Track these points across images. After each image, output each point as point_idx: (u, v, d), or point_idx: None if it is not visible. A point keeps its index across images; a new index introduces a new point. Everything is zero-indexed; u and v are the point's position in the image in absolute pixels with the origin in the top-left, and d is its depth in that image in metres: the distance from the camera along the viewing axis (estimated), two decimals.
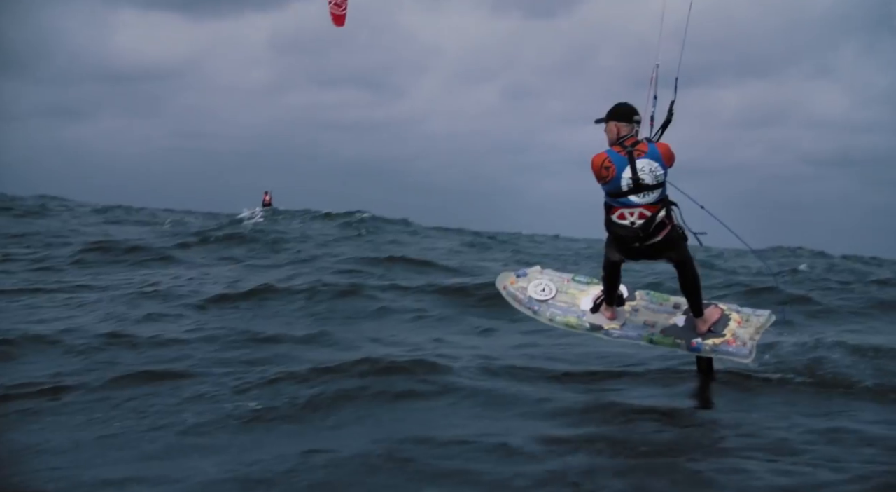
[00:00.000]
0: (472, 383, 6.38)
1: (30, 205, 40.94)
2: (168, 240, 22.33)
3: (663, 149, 6.27)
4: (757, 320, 6.73)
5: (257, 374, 6.47)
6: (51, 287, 11.47)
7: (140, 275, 13.90)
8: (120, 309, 9.70)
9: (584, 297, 7.13)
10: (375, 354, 7.16)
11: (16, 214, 33.21)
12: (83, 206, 46.86)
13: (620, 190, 6.22)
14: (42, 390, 5.94)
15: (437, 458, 4.55)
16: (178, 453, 4.71)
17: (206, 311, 9.98)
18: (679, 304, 6.95)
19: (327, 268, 15.58)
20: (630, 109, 6.39)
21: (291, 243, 24.06)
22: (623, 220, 6.28)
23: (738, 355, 6.46)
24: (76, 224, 31.35)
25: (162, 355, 7.23)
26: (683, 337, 6.62)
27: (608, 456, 4.66)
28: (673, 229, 6.35)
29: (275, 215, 37.39)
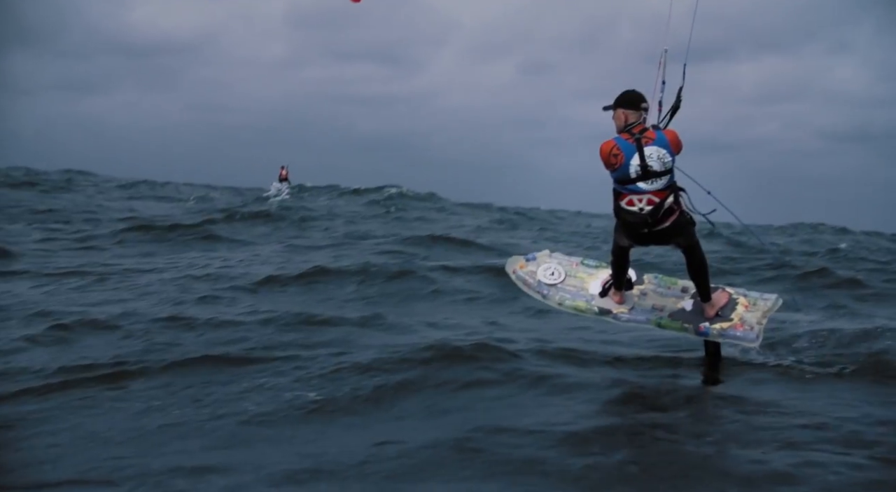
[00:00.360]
0: (535, 368, 6.33)
1: (55, 180, 41.10)
2: (197, 217, 22.25)
3: (671, 136, 6.30)
4: (764, 304, 6.75)
5: (316, 361, 6.42)
6: (99, 270, 11.43)
7: (187, 256, 13.83)
8: (173, 292, 9.70)
9: (593, 281, 7.17)
10: (435, 340, 7.12)
11: (42, 190, 33.56)
12: (108, 181, 47.02)
13: (629, 177, 6.27)
14: (102, 375, 5.94)
15: (507, 447, 4.50)
16: (242, 444, 4.68)
17: (259, 293, 9.95)
18: (687, 287, 7.00)
19: (371, 248, 15.47)
20: (638, 97, 6.41)
21: (322, 221, 23.91)
22: (632, 206, 6.33)
23: (746, 340, 6.52)
24: (102, 199, 31.77)
25: (219, 339, 7.23)
26: (691, 321, 6.68)
27: (678, 444, 4.57)
28: (681, 215, 6.41)
29: (301, 192, 37.41)
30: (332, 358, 6.50)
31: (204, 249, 15.17)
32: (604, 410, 5.39)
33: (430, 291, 10.45)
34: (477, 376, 6.00)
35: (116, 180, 48.64)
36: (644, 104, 6.38)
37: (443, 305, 9.76)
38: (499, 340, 7.39)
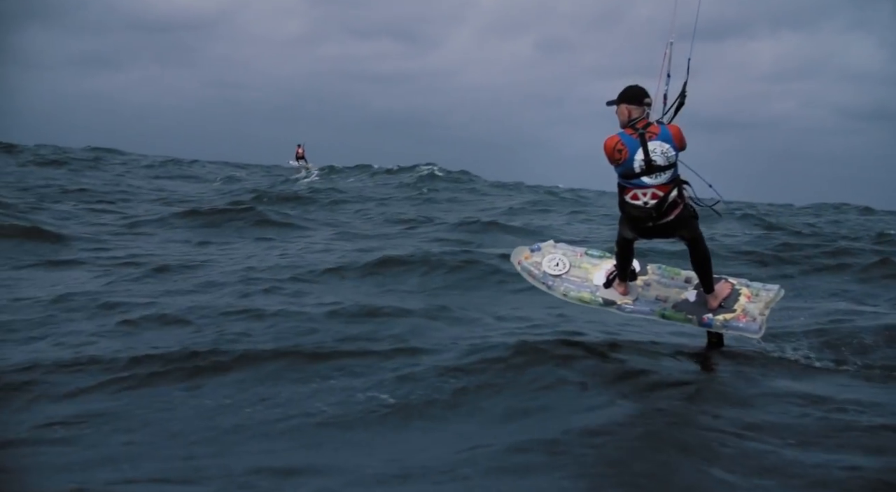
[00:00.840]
0: (613, 365, 6.27)
1: (82, 158, 40.84)
2: (233, 199, 22.13)
3: (674, 130, 6.37)
4: (766, 295, 6.77)
5: (387, 357, 6.31)
6: (156, 259, 11.21)
7: (241, 244, 13.65)
8: (237, 283, 9.53)
9: (597, 271, 7.20)
10: (509, 335, 7.05)
11: (71, 168, 33.48)
12: (135, 159, 46.72)
13: (633, 171, 6.33)
14: (172, 370, 5.89)
15: (597, 448, 4.40)
16: (321, 446, 4.62)
17: (323, 283, 9.84)
18: (690, 278, 7.05)
19: (424, 235, 15.38)
20: (641, 92, 6.47)
21: (356, 204, 23.73)
22: (636, 200, 6.40)
23: (748, 331, 6.57)
24: (131, 178, 31.55)
25: (287, 332, 7.12)
26: (695, 313, 6.75)
27: (768, 445, 4.49)
28: (685, 208, 6.50)
29: (330, 174, 37.00)
30: (404, 354, 6.41)
31: (255, 236, 14.88)
32: (685, 407, 5.23)
33: (494, 281, 10.26)
34: (558, 374, 5.91)
35: (144, 158, 48.37)
36: (647, 99, 6.45)
37: (506, 295, 9.58)
38: (570, 333, 7.37)
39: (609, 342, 7.04)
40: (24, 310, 7.70)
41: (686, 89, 6.62)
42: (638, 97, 6.45)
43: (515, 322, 7.99)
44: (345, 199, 24.85)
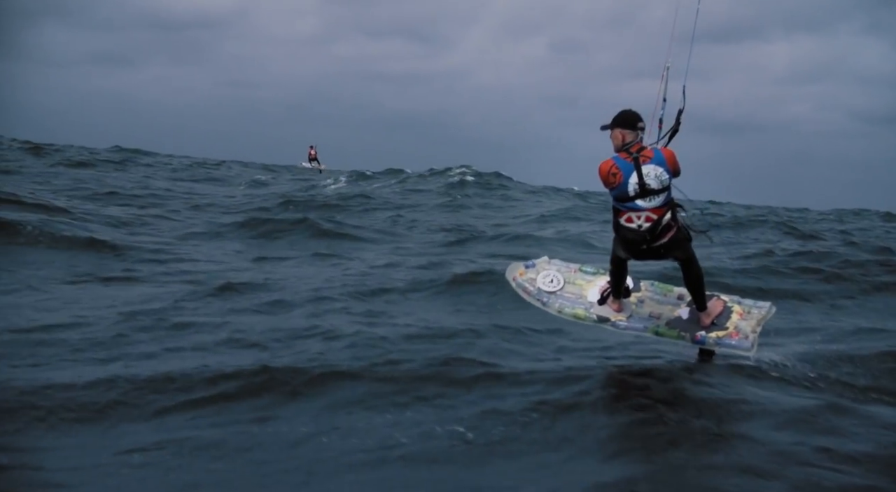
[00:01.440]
0: (703, 391, 6.04)
1: (109, 158, 40.58)
2: (273, 206, 21.78)
3: (668, 154, 6.29)
4: (758, 313, 6.72)
5: (466, 386, 5.97)
6: (220, 277, 10.39)
7: (303, 259, 12.87)
8: (306, 303, 8.97)
9: (591, 288, 7.12)
10: (583, 358, 6.89)
11: (100, 170, 33.22)
12: (162, 160, 46.55)
13: (627, 195, 6.28)
14: (249, 395, 5.63)
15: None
16: (403, 484, 4.40)
17: (396, 303, 9.30)
18: (683, 295, 6.96)
19: (484, 250, 14.75)
20: (634, 116, 6.39)
21: (392, 211, 22.99)
22: (631, 223, 6.37)
23: (741, 348, 6.45)
24: (158, 180, 31.30)
25: (363, 356, 6.63)
26: (688, 330, 6.64)
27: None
28: (678, 231, 6.41)
29: (359, 180, 36.38)
30: (484, 382, 6.06)
31: (310, 249, 14.12)
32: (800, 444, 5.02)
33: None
34: (640, 402, 5.69)
35: (170, 160, 48.29)
36: (640, 124, 6.38)
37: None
38: (651, 356, 7.15)
39: (689, 368, 6.76)
40: (91, 328, 7.23)
41: (681, 117, 6.57)
42: (631, 122, 6.36)
43: (585, 343, 7.64)
44: (378, 206, 24.03)
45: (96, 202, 19.52)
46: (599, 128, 6.57)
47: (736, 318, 6.73)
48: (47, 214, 14.80)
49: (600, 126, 6.55)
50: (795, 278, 12.87)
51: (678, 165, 6.39)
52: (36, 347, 6.55)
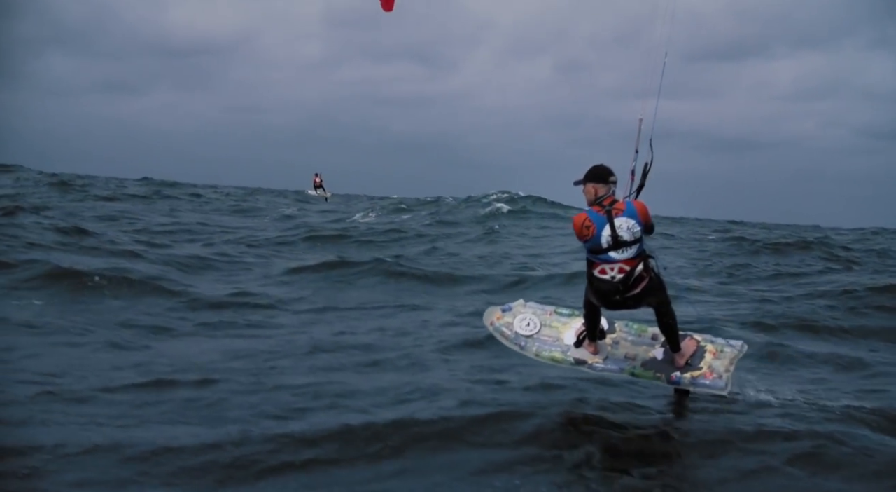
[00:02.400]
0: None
1: (136, 190, 40.11)
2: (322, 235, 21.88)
3: (640, 207, 6.50)
4: (731, 351, 6.87)
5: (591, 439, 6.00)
6: (308, 335, 9.92)
7: (391, 311, 12.06)
8: (403, 357, 8.75)
9: (567, 330, 7.25)
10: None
11: (131, 204, 32.43)
12: (186, 191, 45.96)
13: (601, 247, 6.47)
14: (359, 460, 5.57)
15: None
16: None
17: (500, 355, 8.68)
18: (657, 335, 7.02)
19: (547, 293, 13.82)
20: (606, 171, 6.60)
21: (445, 246, 22.02)
22: (604, 274, 6.52)
23: (715, 388, 6.60)
24: (194, 211, 31.31)
25: (475, 413, 6.59)
26: (663, 371, 6.80)
27: None
28: (651, 280, 6.56)
29: (392, 213, 35.08)
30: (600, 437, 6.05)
31: (390, 296, 13.35)
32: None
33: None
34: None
35: (194, 188, 48.32)
36: (612, 177, 6.54)
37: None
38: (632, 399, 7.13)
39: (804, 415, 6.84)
40: (185, 387, 7.05)
41: (648, 170, 6.78)
42: (603, 176, 6.59)
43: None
44: (419, 241, 23.20)
45: (151, 240, 19.33)
46: (573, 183, 6.74)
47: (709, 357, 6.87)
48: (111, 257, 14.65)
49: (573, 181, 6.72)
50: (878, 315, 12.39)
51: (650, 219, 6.56)
52: (136, 408, 6.45)
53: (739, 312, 11.22)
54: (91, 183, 43.53)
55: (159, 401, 6.59)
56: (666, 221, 38.27)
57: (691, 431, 6.38)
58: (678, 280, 14.04)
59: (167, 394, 6.80)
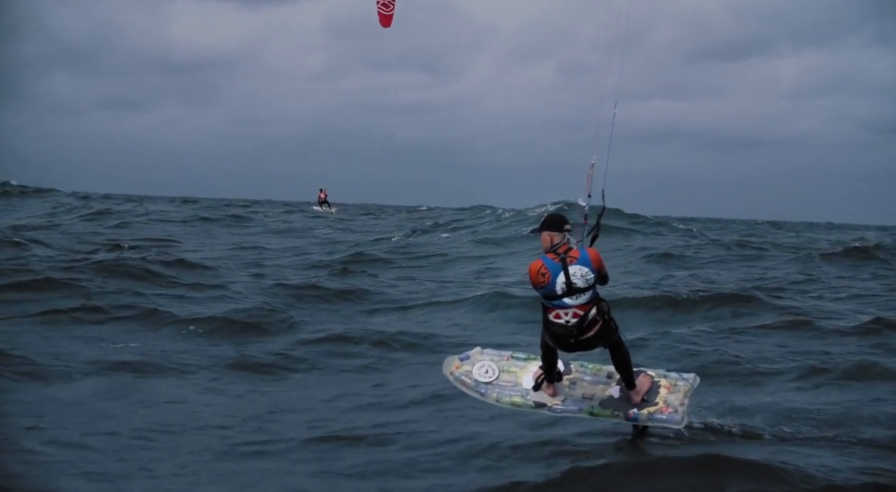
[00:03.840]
0: None
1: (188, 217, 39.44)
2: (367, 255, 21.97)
3: (593, 255, 6.82)
4: (684, 385, 7.21)
5: None
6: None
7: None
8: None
9: (525, 374, 7.50)
10: None
11: (175, 226, 33.14)
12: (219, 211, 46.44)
13: (556, 293, 6.76)
14: None
15: None
16: None
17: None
18: (612, 373, 7.29)
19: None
20: (561, 220, 6.98)
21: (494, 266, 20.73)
22: (559, 319, 6.81)
23: (672, 422, 6.91)
24: (251, 233, 31.87)
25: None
26: (621, 409, 7.05)
27: None
28: (604, 323, 6.87)
29: (430, 229, 34.09)
30: None
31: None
32: None
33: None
34: None
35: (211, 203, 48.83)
36: (567, 226, 6.89)
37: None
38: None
39: None
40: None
41: (601, 221, 7.21)
42: (559, 225, 6.94)
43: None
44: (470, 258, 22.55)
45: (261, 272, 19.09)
46: (529, 231, 7.44)
47: (664, 392, 7.19)
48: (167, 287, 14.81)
49: (530, 229, 7.32)
50: None
51: (604, 266, 6.93)
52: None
53: None
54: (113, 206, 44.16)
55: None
56: (681, 221, 37.19)
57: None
58: None
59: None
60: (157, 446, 7.10)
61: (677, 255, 23.96)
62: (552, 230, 6.97)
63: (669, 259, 22.74)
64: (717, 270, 21.27)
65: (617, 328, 7.07)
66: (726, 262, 23.72)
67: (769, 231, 45.20)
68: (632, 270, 20.74)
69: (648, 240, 28.21)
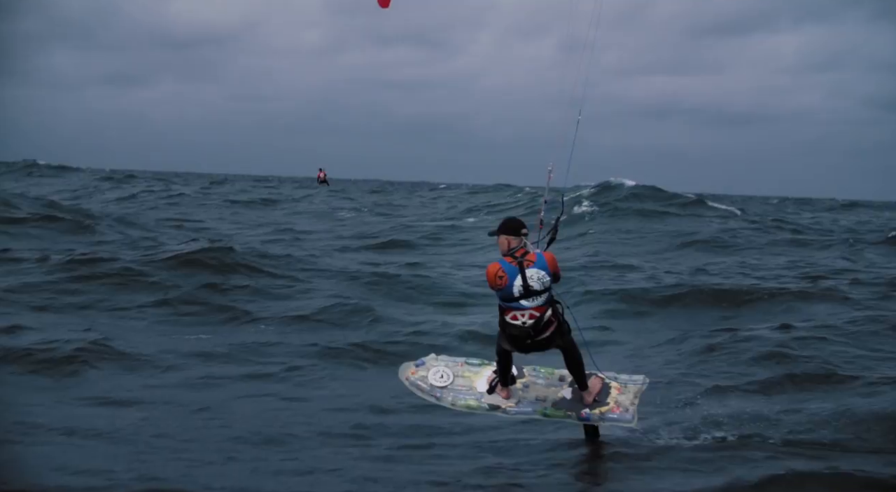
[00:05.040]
0: None
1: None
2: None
3: (550, 258, 7.06)
4: (634, 386, 7.55)
5: None
6: None
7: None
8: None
9: (479, 379, 7.78)
10: None
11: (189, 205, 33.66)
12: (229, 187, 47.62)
13: (513, 296, 6.99)
14: None
15: None
16: None
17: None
18: (563, 376, 7.60)
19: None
20: (518, 224, 7.17)
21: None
22: (515, 321, 7.07)
23: (623, 421, 7.21)
24: (289, 214, 32.33)
25: None
26: (573, 409, 7.32)
27: None
28: (559, 325, 7.15)
29: (459, 215, 33.73)
30: None
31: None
32: None
33: None
34: None
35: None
36: (524, 230, 7.15)
37: None
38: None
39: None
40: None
41: (559, 225, 7.53)
42: (516, 229, 7.14)
43: None
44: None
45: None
46: (487, 234, 7.47)
47: (615, 393, 7.49)
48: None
49: (488, 232, 7.44)
50: None
51: (559, 269, 7.22)
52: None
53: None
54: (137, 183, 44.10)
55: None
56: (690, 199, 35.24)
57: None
58: None
59: None
60: (266, 438, 7.73)
61: (723, 240, 23.49)
62: (509, 234, 7.20)
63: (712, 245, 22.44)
64: (765, 256, 20.95)
65: (570, 331, 7.36)
66: (776, 246, 23.35)
67: (782, 210, 43.73)
68: (668, 258, 20.40)
69: (684, 223, 27.45)
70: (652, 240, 23.88)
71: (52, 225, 21.07)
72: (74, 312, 12.77)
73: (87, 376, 9.37)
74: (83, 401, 8.46)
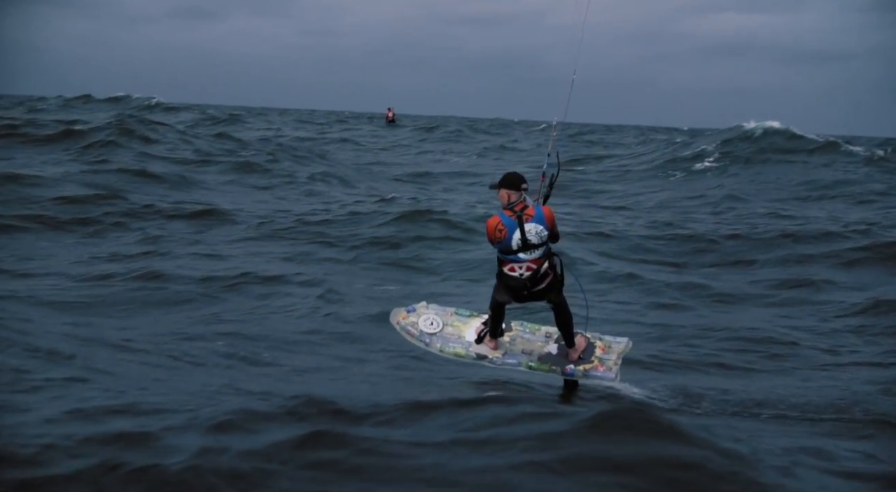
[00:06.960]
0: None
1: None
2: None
3: (548, 213, 7.33)
4: (618, 347, 7.95)
5: None
6: None
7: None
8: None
9: (468, 329, 8.11)
10: None
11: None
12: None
13: (511, 249, 7.30)
14: None
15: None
16: None
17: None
18: (550, 333, 7.96)
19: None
20: (518, 178, 7.39)
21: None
22: (513, 272, 7.39)
23: (606, 379, 7.61)
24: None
25: None
26: (558, 364, 7.67)
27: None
28: (555, 277, 7.46)
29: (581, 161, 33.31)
30: None
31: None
32: None
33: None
34: None
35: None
36: (524, 185, 7.41)
37: None
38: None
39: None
40: None
41: (555, 180, 7.73)
42: (516, 183, 7.37)
43: None
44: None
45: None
46: (489, 187, 7.75)
47: (599, 352, 7.87)
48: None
49: (489, 185, 7.74)
50: None
51: (556, 226, 7.53)
52: None
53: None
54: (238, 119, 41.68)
55: None
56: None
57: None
58: None
59: None
60: None
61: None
62: (510, 188, 7.45)
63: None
64: None
65: (563, 284, 7.73)
66: None
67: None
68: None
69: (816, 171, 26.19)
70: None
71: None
72: None
73: None
74: None
